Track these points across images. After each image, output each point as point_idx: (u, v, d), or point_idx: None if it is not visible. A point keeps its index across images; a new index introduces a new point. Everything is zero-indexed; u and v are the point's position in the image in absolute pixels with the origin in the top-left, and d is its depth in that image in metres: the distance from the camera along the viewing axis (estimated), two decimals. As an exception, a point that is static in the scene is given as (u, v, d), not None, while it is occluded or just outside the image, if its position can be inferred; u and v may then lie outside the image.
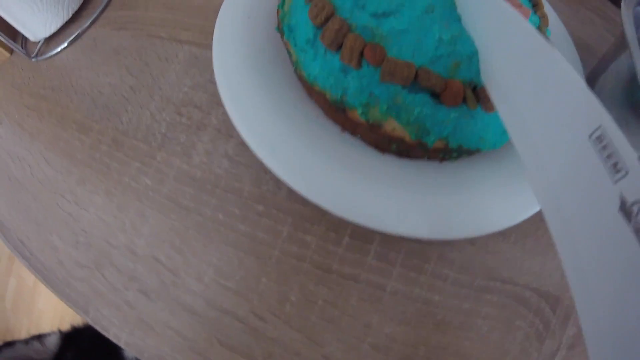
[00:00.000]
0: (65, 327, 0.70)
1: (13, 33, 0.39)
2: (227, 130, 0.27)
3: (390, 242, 0.25)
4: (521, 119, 0.17)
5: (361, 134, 0.24)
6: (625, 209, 0.11)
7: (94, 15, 0.36)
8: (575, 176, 0.13)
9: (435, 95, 0.20)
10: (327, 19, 0.21)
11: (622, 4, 0.25)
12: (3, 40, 0.37)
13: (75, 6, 0.37)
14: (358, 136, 0.24)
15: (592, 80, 0.30)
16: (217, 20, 0.27)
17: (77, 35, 0.36)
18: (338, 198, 0.22)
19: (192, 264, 0.25)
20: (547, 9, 0.33)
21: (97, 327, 0.27)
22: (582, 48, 0.36)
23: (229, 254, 0.25)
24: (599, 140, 0.12)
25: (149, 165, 0.28)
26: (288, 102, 0.25)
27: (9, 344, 0.42)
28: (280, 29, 0.25)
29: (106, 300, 0.27)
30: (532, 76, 0.16)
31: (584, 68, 0.33)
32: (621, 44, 0.25)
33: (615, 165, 0.11)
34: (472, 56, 0.20)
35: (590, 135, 0.12)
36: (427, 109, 0.20)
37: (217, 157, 0.27)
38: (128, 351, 0.35)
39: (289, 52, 0.24)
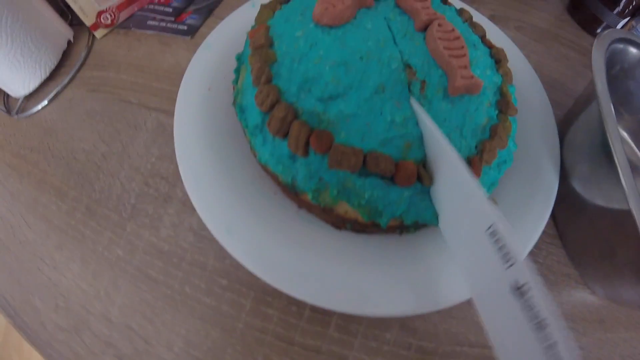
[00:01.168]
0: None
1: (-6, 90, 0.39)
2: (192, 203, 0.28)
3: (350, 315, 0.25)
4: (448, 218, 0.20)
5: (316, 214, 0.24)
6: (516, 290, 0.13)
7: (71, 75, 0.36)
8: (480, 261, 0.16)
9: (387, 177, 0.20)
10: (272, 106, 0.20)
11: (594, 44, 0.25)
12: (-16, 99, 0.37)
13: (52, 65, 0.37)
14: (314, 214, 0.25)
15: (565, 125, 0.29)
16: (180, 90, 0.27)
17: (55, 95, 0.36)
18: (295, 280, 0.22)
19: (162, 334, 0.26)
20: (516, 54, 0.32)
21: (78, 388, 0.28)
22: (557, 88, 0.36)
23: (196, 326, 0.26)
24: (493, 234, 0.15)
25: (120, 236, 0.29)
26: (245, 180, 0.25)
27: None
28: (235, 108, 0.25)
29: (85, 363, 0.28)
30: (460, 196, 0.18)
31: (560, 109, 0.33)
32: (593, 91, 0.25)
33: (506, 255, 0.14)
34: (421, 139, 0.20)
35: (487, 230, 0.15)
36: (379, 192, 0.20)
37: (183, 230, 0.27)
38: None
39: (244, 131, 0.24)
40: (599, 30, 0.39)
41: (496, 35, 0.33)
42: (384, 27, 0.22)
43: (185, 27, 0.35)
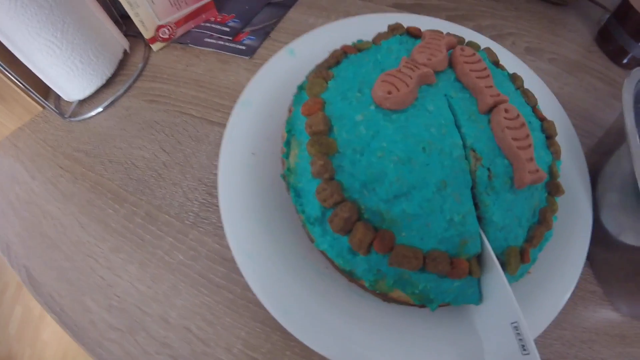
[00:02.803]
0: None
1: (46, 89, 0.39)
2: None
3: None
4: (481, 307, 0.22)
5: (369, 292, 0.24)
6: None
7: (127, 84, 0.37)
8: (503, 345, 0.20)
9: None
10: (336, 204, 0.19)
11: (624, 84, 0.24)
12: (38, 100, 0.37)
13: (109, 73, 0.38)
14: (364, 289, 0.24)
15: (595, 156, 0.30)
16: (221, 154, 0.26)
17: (111, 102, 0.37)
18: (349, 353, 0.22)
19: (221, 336, 0.27)
20: (548, 96, 0.32)
21: (128, 386, 0.28)
22: (587, 118, 0.37)
23: (256, 329, 0.27)
24: (516, 328, 0.19)
25: (182, 242, 0.29)
26: (297, 255, 0.24)
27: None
28: (285, 181, 0.24)
29: (137, 362, 0.28)
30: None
31: (590, 138, 0.34)
32: (622, 127, 0.24)
33: (523, 345, 0.18)
34: (479, 233, 0.20)
35: (512, 324, 0.19)
36: (432, 284, 0.20)
37: (246, 240, 0.29)
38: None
39: (296, 208, 0.23)
40: (625, 61, 0.41)
41: (526, 72, 0.33)
42: (446, 108, 0.21)
43: (244, 47, 0.37)
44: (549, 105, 0.31)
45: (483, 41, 0.35)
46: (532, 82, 0.33)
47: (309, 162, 0.20)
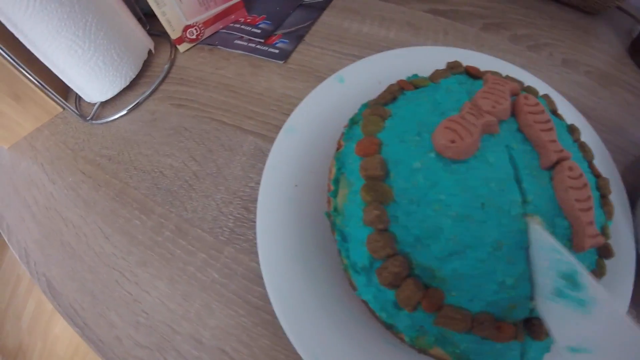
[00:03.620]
0: (81, 356, 0.68)
1: (66, 90, 0.37)
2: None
3: None
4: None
5: (405, 343, 0.22)
6: None
7: (153, 87, 0.35)
8: None
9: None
10: (387, 257, 0.18)
11: None
12: (56, 99, 0.35)
13: (132, 74, 0.36)
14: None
15: (630, 174, 0.28)
16: (262, 184, 0.25)
17: (135, 105, 0.35)
18: None
19: (259, 359, 0.25)
20: (585, 127, 0.31)
21: (155, 407, 0.27)
22: (619, 133, 0.36)
23: (296, 353, 0.25)
24: None
25: (216, 259, 0.28)
26: (332, 298, 0.23)
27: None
28: (330, 221, 0.22)
29: (166, 383, 0.27)
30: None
31: (622, 155, 0.33)
32: None
33: None
34: (530, 297, 0.19)
35: None
36: (474, 345, 0.19)
37: (284, 258, 0.27)
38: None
39: (339, 252, 0.22)
40: None
41: (556, 97, 0.32)
42: (507, 160, 0.20)
43: (277, 51, 0.35)
44: (584, 133, 0.29)
45: (520, 53, 0.33)
46: (563, 105, 0.31)
47: (362, 209, 0.19)
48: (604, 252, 0.22)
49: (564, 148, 0.21)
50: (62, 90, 0.37)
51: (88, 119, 0.35)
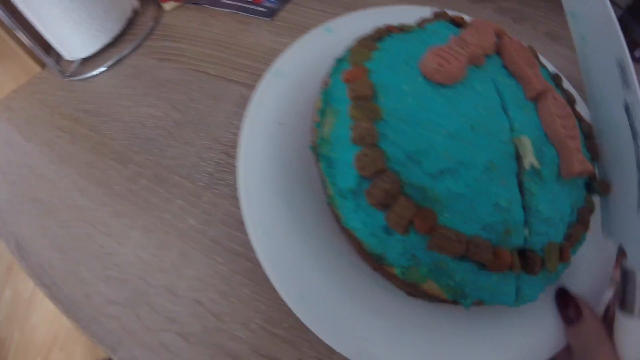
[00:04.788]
0: (60, 345, 0.63)
1: (46, 48, 0.35)
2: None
3: None
4: None
5: (394, 283, 0.21)
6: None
7: (136, 43, 0.34)
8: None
9: (481, 264, 0.18)
10: (375, 173, 0.17)
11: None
12: (38, 53, 0.33)
13: (116, 31, 0.34)
14: (388, 280, 0.22)
15: None
16: (245, 123, 0.23)
17: (117, 61, 0.33)
18: (364, 350, 0.19)
19: (238, 309, 0.23)
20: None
21: (125, 368, 0.24)
22: None
23: (279, 301, 0.23)
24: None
25: (194, 205, 0.26)
26: (319, 239, 0.22)
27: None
28: (315, 152, 0.21)
29: (138, 340, 0.24)
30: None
31: None
32: None
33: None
34: (524, 223, 0.18)
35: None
36: (470, 276, 0.18)
37: (268, 202, 0.25)
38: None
39: (322, 183, 0.20)
40: (638, 55, 0.40)
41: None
42: (493, 91, 0.20)
43: (264, 9, 0.34)
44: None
45: (504, 24, 0.33)
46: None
47: (350, 127, 0.18)
48: (596, 187, 0.22)
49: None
50: (43, 49, 0.35)
51: (67, 75, 0.34)
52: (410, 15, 0.28)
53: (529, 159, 0.18)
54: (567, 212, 0.20)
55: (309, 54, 0.27)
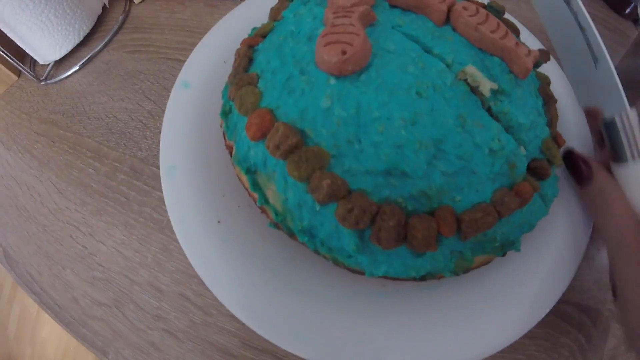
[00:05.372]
0: (71, 356, 0.63)
1: (21, 55, 0.35)
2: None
3: None
4: None
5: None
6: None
7: (106, 39, 0.33)
8: None
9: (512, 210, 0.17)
10: (372, 219, 0.15)
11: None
12: (12, 62, 0.32)
13: (86, 29, 0.33)
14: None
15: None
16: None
17: (88, 59, 0.32)
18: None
19: (223, 301, 0.22)
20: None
21: (118, 370, 0.23)
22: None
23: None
24: None
25: (173, 195, 0.24)
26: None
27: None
28: (280, 228, 0.18)
29: (127, 341, 0.23)
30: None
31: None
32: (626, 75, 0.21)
33: None
34: (517, 145, 0.17)
35: None
36: (507, 226, 0.17)
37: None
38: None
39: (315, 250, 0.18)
40: (627, 11, 0.38)
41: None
42: (405, 40, 0.17)
43: (233, -10, 0.32)
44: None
45: None
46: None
47: (307, 190, 0.15)
48: (545, 96, 0.20)
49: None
50: (18, 57, 0.35)
51: (42, 79, 0.33)
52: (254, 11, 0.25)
53: (485, 84, 0.16)
54: (538, 103, 0.19)
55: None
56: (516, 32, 0.21)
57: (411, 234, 0.15)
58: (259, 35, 0.20)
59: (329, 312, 0.18)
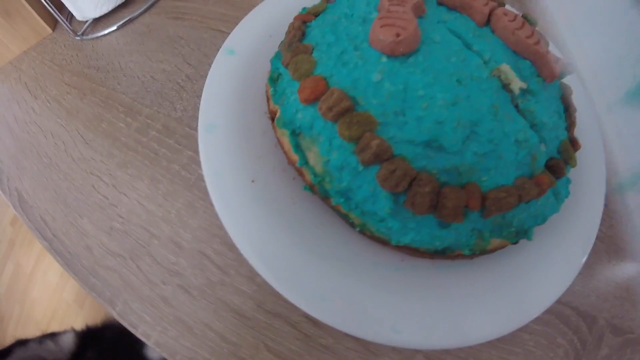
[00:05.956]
0: (59, 320, 0.62)
1: (58, 9, 0.35)
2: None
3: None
4: None
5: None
6: None
7: (148, 3, 0.33)
8: None
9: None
10: (411, 183, 0.16)
11: None
12: (52, 11, 0.33)
13: (130, -9, 0.34)
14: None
15: None
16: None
17: (128, 20, 0.33)
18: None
19: (244, 263, 0.22)
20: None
21: (124, 323, 0.23)
22: None
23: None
24: None
25: (204, 155, 0.25)
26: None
27: (22, 343, 0.36)
28: (317, 194, 0.19)
29: (138, 293, 0.23)
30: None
31: None
32: None
33: None
34: (539, 141, 0.18)
35: None
36: (523, 214, 0.18)
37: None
38: (155, 352, 0.29)
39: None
40: None
41: None
42: (449, 35, 0.19)
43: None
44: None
45: None
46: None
47: (355, 151, 0.16)
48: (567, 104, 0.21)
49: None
50: (54, 11, 0.35)
51: (79, 34, 0.33)
52: None
53: (515, 83, 0.18)
54: (560, 108, 0.20)
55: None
56: (547, 43, 0.22)
57: (442, 203, 0.16)
58: (312, 14, 0.21)
59: (348, 279, 0.19)
